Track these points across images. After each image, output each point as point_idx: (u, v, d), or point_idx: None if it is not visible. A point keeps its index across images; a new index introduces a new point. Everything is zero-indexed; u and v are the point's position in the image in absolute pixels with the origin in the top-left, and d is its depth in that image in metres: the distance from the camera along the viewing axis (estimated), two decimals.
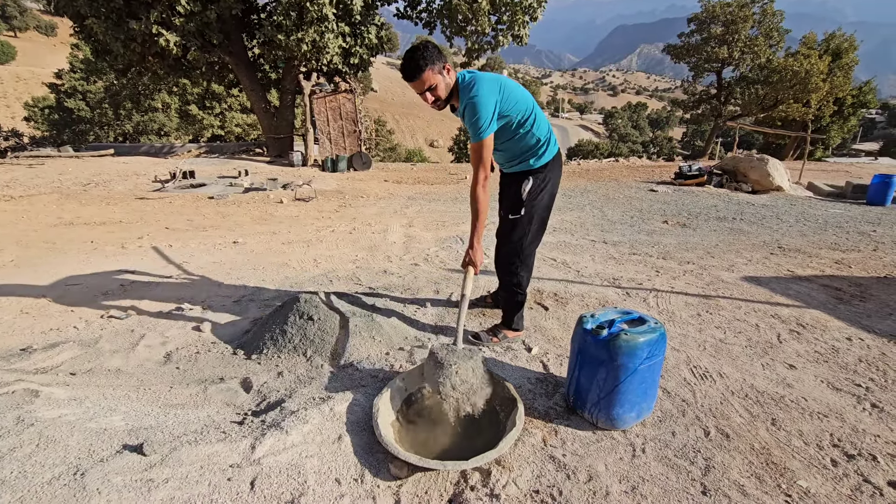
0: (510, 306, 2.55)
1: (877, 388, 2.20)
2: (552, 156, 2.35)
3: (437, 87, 2.05)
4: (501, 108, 2.13)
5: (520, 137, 2.28)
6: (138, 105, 24.49)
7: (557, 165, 2.40)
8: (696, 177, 10.51)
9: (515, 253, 2.43)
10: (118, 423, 1.64)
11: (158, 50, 11.14)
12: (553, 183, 2.40)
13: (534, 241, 2.44)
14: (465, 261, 2.23)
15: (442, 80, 2.06)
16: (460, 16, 12.04)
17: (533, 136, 2.28)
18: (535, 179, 2.33)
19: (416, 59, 2.00)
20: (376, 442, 1.71)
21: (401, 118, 55.92)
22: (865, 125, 48.09)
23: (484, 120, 2.05)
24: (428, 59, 2.00)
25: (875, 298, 3.39)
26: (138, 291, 3.39)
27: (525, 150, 2.32)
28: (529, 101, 2.24)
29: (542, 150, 2.32)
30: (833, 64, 23.06)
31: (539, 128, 2.28)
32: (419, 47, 2.02)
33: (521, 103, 2.20)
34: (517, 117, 2.21)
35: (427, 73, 2.01)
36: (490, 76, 2.13)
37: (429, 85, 2.03)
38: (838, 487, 1.59)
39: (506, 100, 2.13)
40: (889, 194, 8.48)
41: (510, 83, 2.18)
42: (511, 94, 2.15)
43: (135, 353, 2.49)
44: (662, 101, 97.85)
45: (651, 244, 4.91)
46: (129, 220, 6.07)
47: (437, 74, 2.03)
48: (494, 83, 2.10)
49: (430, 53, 2.01)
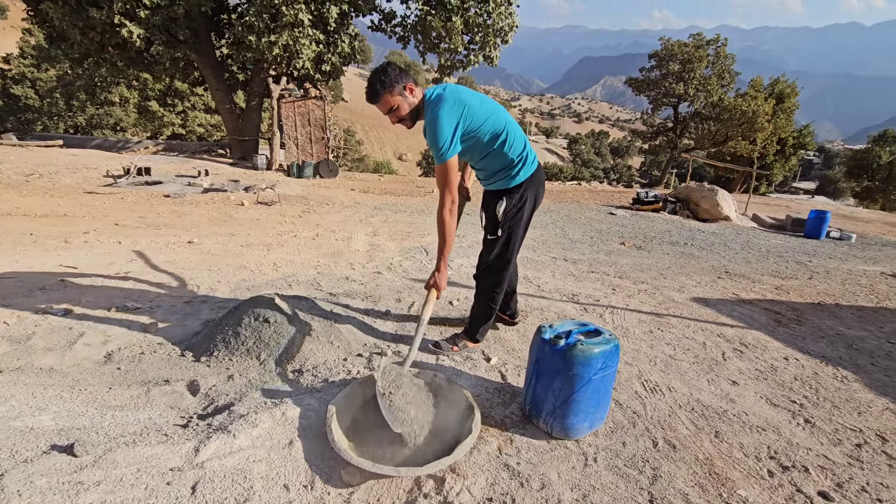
0: (478, 317, 2.55)
1: (809, 405, 2.35)
2: (528, 174, 2.30)
3: (399, 109, 2.05)
4: (467, 128, 2.07)
5: (493, 155, 2.23)
6: (93, 97, 23.33)
7: (536, 182, 2.35)
8: (653, 203, 11.01)
9: (494, 271, 2.42)
10: (47, 423, 1.53)
11: (120, 41, 10.72)
12: (531, 200, 2.35)
13: (511, 261, 2.41)
14: (428, 282, 2.20)
15: (403, 100, 2.05)
16: (434, 33, 12.24)
17: (506, 155, 2.23)
18: (510, 199, 2.30)
19: (374, 83, 2.01)
20: (329, 448, 1.67)
21: (370, 129, 55.83)
22: (804, 165, 52.01)
23: (443, 141, 1.99)
24: (386, 82, 2.00)
25: (809, 322, 3.62)
26: (80, 288, 3.19)
27: (499, 169, 2.28)
28: (502, 118, 2.18)
29: (517, 170, 2.27)
30: (777, 107, 24.92)
31: (513, 146, 2.22)
32: (378, 70, 2.02)
33: (490, 120, 2.13)
34: (486, 135, 2.15)
35: (385, 96, 2.01)
36: (455, 94, 2.06)
37: (389, 107, 2.04)
38: (774, 497, 1.67)
39: (471, 118, 2.06)
40: (823, 229, 9.16)
41: (477, 101, 2.10)
42: (478, 111, 2.09)
43: (72, 351, 2.33)
44: (623, 131, 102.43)
45: (609, 263, 5.08)
46: (74, 213, 5.72)
47: (396, 96, 2.02)
48: (457, 103, 2.03)
49: (388, 76, 2.00)
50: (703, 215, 10.40)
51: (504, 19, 12.07)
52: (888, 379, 2.72)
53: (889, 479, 1.81)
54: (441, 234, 2.11)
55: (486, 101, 2.17)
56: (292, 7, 10.26)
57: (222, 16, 12.77)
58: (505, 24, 12.14)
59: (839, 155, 59.86)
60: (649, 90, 28.85)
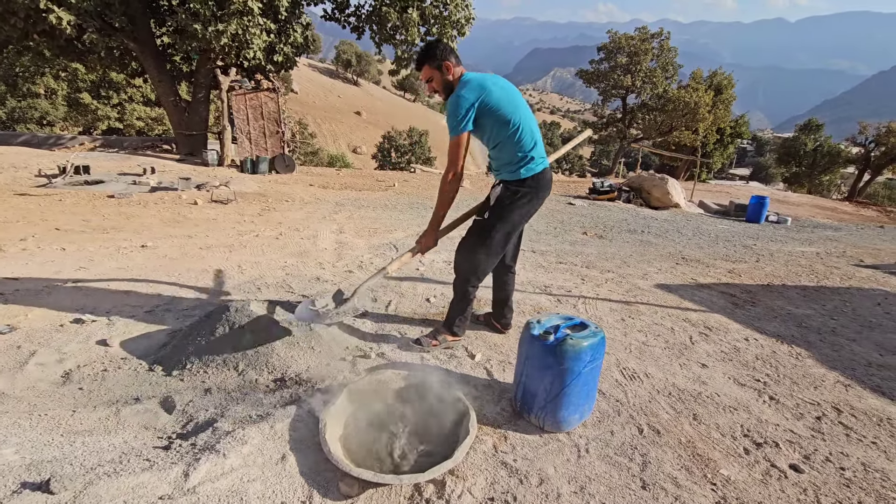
0: (455, 310, 2.56)
1: (772, 383, 2.51)
2: (531, 173, 2.31)
3: (434, 80, 2.28)
4: (482, 110, 2.18)
5: (503, 146, 2.28)
6: (15, 89, 21.32)
7: (538, 185, 2.33)
8: (608, 193, 11.39)
9: (468, 257, 2.41)
10: (12, 458, 1.39)
11: (47, 28, 9.81)
12: (527, 198, 2.33)
13: (491, 253, 2.39)
14: (419, 239, 2.40)
15: (439, 75, 2.25)
16: (390, 24, 12.02)
17: (514, 148, 2.27)
18: (507, 190, 2.33)
19: (420, 54, 2.28)
20: (323, 459, 1.62)
21: (322, 122, 54.27)
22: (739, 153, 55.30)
23: (456, 116, 2.15)
24: (428, 55, 2.24)
25: (762, 303, 3.87)
26: (25, 301, 2.92)
27: (506, 161, 2.32)
28: (518, 113, 2.23)
29: (520, 165, 2.29)
30: (716, 98, 26.30)
31: (522, 142, 2.26)
32: (429, 44, 2.29)
33: (505, 110, 2.19)
34: (499, 123, 2.21)
35: (424, 67, 2.27)
36: (480, 80, 2.19)
37: (427, 77, 2.29)
38: (752, 473, 1.77)
39: (487, 102, 2.17)
40: (763, 213, 9.81)
41: (499, 91, 2.19)
42: (496, 99, 2.17)
43: (23, 372, 2.13)
44: (573, 122, 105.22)
45: (575, 254, 5.21)
46: (6, 218, 5.22)
47: (433, 70, 2.25)
48: (479, 87, 2.16)
49: (432, 51, 2.24)
50: (655, 203, 10.87)
51: (460, 11, 12.01)
52: (836, 354, 2.96)
53: (848, 448, 1.97)
54: (439, 199, 2.29)
55: (512, 94, 2.26)
56: None
57: (162, 2, 11.96)
58: (461, 16, 12.08)
59: (770, 143, 64.15)
60: (599, 82, 29.67)
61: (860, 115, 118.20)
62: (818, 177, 31.57)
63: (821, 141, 31.11)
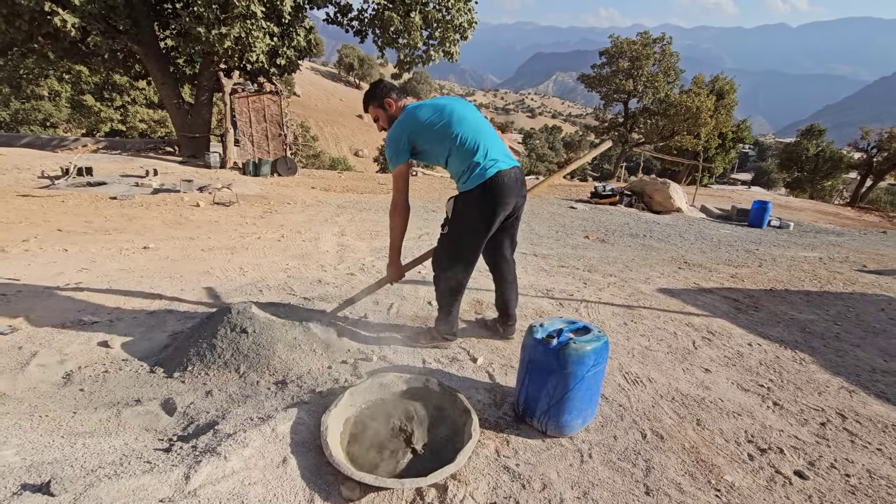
0: (440, 311, 2.59)
1: (776, 388, 2.50)
2: (479, 181, 2.24)
3: (379, 119, 2.46)
4: (414, 141, 2.32)
5: (450, 159, 2.34)
6: (19, 91, 21.42)
7: (491, 191, 2.25)
8: (610, 197, 11.38)
9: (442, 268, 2.46)
10: (12, 459, 1.38)
11: (51, 30, 9.87)
12: (483, 208, 2.27)
13: (455, 263, 2.40)
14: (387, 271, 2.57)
15: (383, 112, 2.42)
16: (392, 27, 12.07)
17: (457, 161, 2.30)
18: (456, 202, 2.38)
19: (364, 96, 2.47)
20: (325, 462, 1.61)
21: (324, 125, 54.45)
22: (741, 158, 55.33)
23: (391, 153, 2.33)
24: (369, 96, 2.43)
25: (766, 308, 3.86)
26: (26, 302, 2.92)
27: (455, 173, 2.37)
28: (452, 126, 2.25)
29: (468, 176, 2.27)
30: (718, 103, 26.33)
31: (464, 152, 2.27)
32: (372, 85, 2.46)
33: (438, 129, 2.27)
34: (436, 145, 2.32)
35: (370, 108, 2.46)
36: (411, 111, 2.32)
37: (373, 116, 2.47)
38: (756, 479, 1.76)
39: (417, 133, 2.30)
40: (765, 218, 9.79)
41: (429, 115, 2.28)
42: (423, 123, 2.27)
43: (25, 374, 2.13)
44: (575, 126, 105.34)
45: (577, 257, 5.20)
46: (9, 219, 5.24)
47: (377, 108, 2.43)
48: (408, 119, 2.30)
49: (373, 91, 2.42)
50: (656, 207, 10.86)
51: (463, 15, 12.05)
52: (840, 359, 2.94)
53: (853, 455, 1.96)
54: (391, 230, 2.46)
55: (447, 109, 2.30)
56: None
57: (166, 5, 12.04)
58: (464, 19, 12.12)
59: (772, 148, 64.14)
60: (601, 86, 29.71)
61: (862, 120, 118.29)
62: (820, 182, 31.55)
63: (823, 146, 31.09)
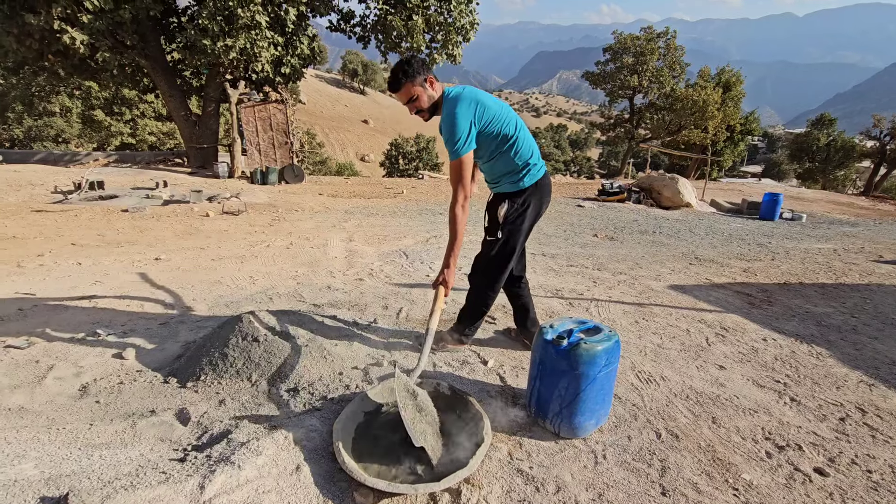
0: (467, 318, 2.54)
1: (792, 384, 2.46)
2: (533, 181, 2.28)
3: (419, 99, 2.10)
4: (481, 127, 2.11)
5: (500, 158, 2.23)
6: (31, 108, 21.84)
7: (541, 189, 2.32)
8: (617, 194, 11.31)
9: (489, 273, 2.39)
10: (31, 472, 1.40)
11: (61, 48, 10.06)
12: (534, 207, 2.31)
13: (506, 266, 2.37)
14: (436, 280, 2.17)
15: (423, 92, 2.09)
16: (395, 32, 12.12)
17: (513, 159, 2.22)
18: (512, 203, 2.28)
19: (398, 72, 2.06)
20: (338, 469, 1.61)
21: (330, 131, 54.79)
22: (750, 150, 54.69)
23: (459, 137, 2.04)
24: (409, 72, 2.05)
25: (780, 302, 3.80)
26: (42, 316, 2.97)
27: (505, 172, 2.27)
28: (514, 123, 2.19)
29: (522, 175, 2.25)
30: (725, 95, 26.05)
31: (521, 151, 2.22)
32: (403, 60, 2.08)
33: (502, 121, 2.15)
34: (498, 137, 2.16)
35: (407, 85, 2.06)
36: (472, 94, 2.11)
37: (409, 97, 2.09)
38: (775, 478, 1.73)
39: (485, 118, 2.10)
40: (777, 210, 9.66)
41: (493, 103, 2.14)
42: (493, 112, 2.12)
43: (42, 387, 2.16)
44: (580, 124, 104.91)
45: (586, 256, 5.17)
46: (25, 235, 5.34)
47: (417, 87, 2.08)
48: (472, 101, 2.08)
49: (412, 67, 2.05)
50: (665, 203, 10.76)
51: (465, 17, 12.08)
52: (858, 353, 2.88)
53: (874, 450, 1.92)
54: (452, 230, 2.13)
55: (502, 104, 2.19)
56: (248, 9, 9.91)
57: (171, 19, 12.21)
58: (466, 21, 12.15)
59: (781, 139, 63.31)
60: (605, 83, 29.55)
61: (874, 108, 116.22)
62: (832, 172, 31.08)
63: (834, 135, 30.64)
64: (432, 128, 29.19)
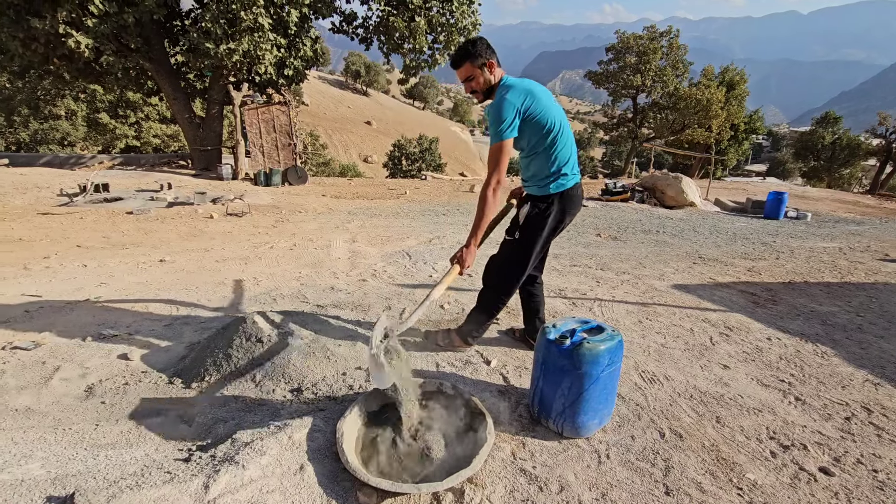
0: (476, 319, 2.53)
1: (797, 383, 2.44)
2: (560, 189, 2.23)
3: (475, 80, 2.16)
4: (527, 115, 2.11)
5: (538, 156, 2.20)
6: (37, 111, 22.00)
7: (568, 199, 2.26)
8: (621, 193, 11.27)
9: (503, 273, 2.37)
10: (38, 472, 1.42)
11: (66, 52, 10.13)
12: (556, 215, 2.25)
13: (522, 269, 2.32)
14: (454, 257, 2.18)
15: (481, 74, 2.15)
16: (397, 33, 12.14)
17: (548, 160, 2.19)
18: (535, 206, 2.27)
19: (461, 51, 2.16)
20: (341, 469, 1.62)
21: (333, 133, 54.90)
22: (755, 149, 54.42)
23: (503, 121, 2.05)
24: (471, 53, 2.12)
25: (784, 301, 3.78)
26: (48, 318, 2.99)
27: (536, 173, 2.25)
28: (559, 121, 2.17)
29: (550, 181, 2.22)
30: (728, 94, 25.95)
31: (559, 156, 2.19)
32: (469, 41, 2.16)
33: (549, 117, 2.13)
34: (541, 131, 2.14)
35: (466, 64, 2.13)
36: (525, 84, 2.14)
37: (467, 75, 2.16)
38: (780, 477, 1.72)
39: (533, 109, 2.10)
40: (782, 209, 9.61)
41: (545, 97, 2.14)
42: (542, 103, 2.12)
43: (48, 388, 2.18)
44: (583, 124, 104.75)
45: (589, 256, 5.16)
46: (31, 237, 5.38)
47: (476, 69, 2.14)
48: (524, 91, 2.10)
49: (475, 49, 2.12)
50: (669, 202, 10.73)
51: (467, 18, 12.09)
52: (863, 351, 2.87)
53: (880, 450, 1.91)
54: (480, 209, 2.13)
55: (555, 103, 2.19)
56: (251, 11, 9.96)
57: (175, 22, 12.28)
58: (468, 22, 12.16)
59: (786, 137, 62.94)
60: (608, 83, 29.49)
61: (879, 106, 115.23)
62: (838, 170, 30.89)
63: (839, 134, 30.44)
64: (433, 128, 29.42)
